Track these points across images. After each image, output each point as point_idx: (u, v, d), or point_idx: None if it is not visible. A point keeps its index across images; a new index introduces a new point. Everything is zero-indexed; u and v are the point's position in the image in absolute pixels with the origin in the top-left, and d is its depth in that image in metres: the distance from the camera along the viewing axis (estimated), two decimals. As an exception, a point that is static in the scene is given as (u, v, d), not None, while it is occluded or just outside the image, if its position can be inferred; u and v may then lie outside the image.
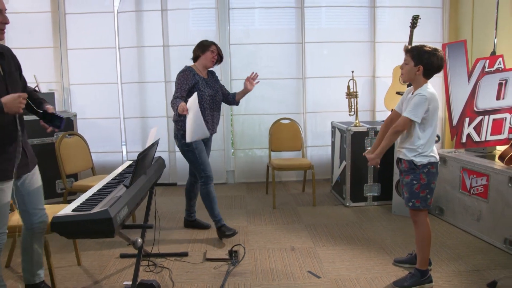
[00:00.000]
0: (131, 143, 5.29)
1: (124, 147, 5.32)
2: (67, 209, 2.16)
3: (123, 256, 3.27)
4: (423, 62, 2.61)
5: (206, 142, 3.68)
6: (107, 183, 2.67)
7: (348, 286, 2.79)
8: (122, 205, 2.23)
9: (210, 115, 3.55)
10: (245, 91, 3.67)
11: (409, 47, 2.70)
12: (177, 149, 5.26)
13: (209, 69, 3.65)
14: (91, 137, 4.87)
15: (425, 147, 2.66)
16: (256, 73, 3.64)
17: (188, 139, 3.27)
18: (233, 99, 3.77)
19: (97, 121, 5.23)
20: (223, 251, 3.34)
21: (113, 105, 5.22)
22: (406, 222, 3.92)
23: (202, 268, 3.08)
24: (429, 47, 2.63)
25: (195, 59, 3.60)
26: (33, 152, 2.50)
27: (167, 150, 5.26)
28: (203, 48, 3.54)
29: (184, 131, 3.33)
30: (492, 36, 4.35)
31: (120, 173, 2.96)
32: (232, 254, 3.24)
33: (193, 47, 5.07)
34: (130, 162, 3.30)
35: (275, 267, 3.08)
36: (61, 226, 2.06)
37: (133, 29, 5.12)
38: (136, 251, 2.75)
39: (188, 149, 3.49)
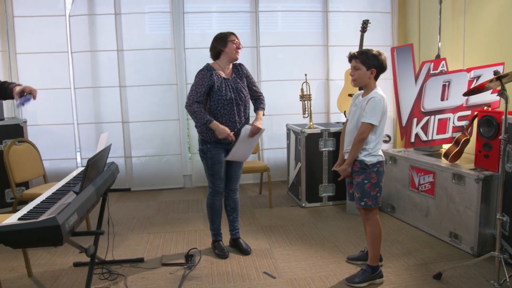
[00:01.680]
0: (86, 150, 5.17)
1: (78, 153, 5.20)
2: (13, 218, 2.10)
3: (76, 264, 3.20)
4: (374, 65, 2.71)
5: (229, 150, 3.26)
6: (56, 190, 2.62)
7: (303, 285, 2.84)
8: (71, 212, 2.18)
9: (238, 121, 3.18)
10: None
11: (355, 53, 2.76)
12: (133, 154, 5.24)
13: (236, 62, 3.27)
14: (44, 144, 4.76)
15: (375, 147, 2.76)
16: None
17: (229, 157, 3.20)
18: (255, 108, 3.39)
19: (50, 127, 5.09)
20: (179, 256, 3.33)
21: (66, 110, 5.10)
22: (359, 220, 4.04)
23: (158, 273, 3.05)
24: (374, 51, 2.73)
25: (216, 56, 3.20)
26: None
27: (123, 156, 5.19)
28: (223, 41, 3.13)
29: (204, 136, 3.16)
30: (437, 40, 4.57)
31: (71, 179, 2.91)
32: (188, 258, 3.23)
33: (149, 51, 5.10)
34: (83, 168, 3.24)
35: (231, 269, 3.10)
36: (6, 235, 2.00)
37: (86, 33, 5.02)
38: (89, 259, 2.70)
39: (203, 156, 3.22)
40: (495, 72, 2.55)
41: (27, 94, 2.42)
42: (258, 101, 3.39)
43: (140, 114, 5.19)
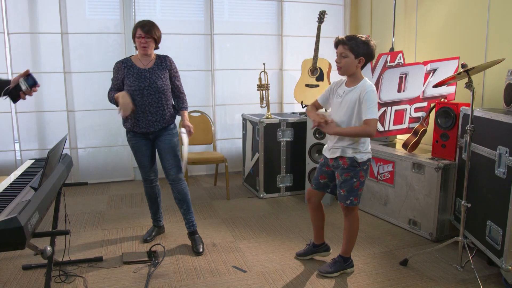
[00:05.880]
0: (26, 141, 4.73)
1: (17, 144, 4.75)
2: (-38, 219, 1.84)
3: (26, 268, 2.91)
4: (363, 53, 2.53)
5: (155, 140, 3.22)
6: (8, 186, 2.34)
7: (275, 277, 2.79)
8: (33, 210, 1.95)
9: (149, 111, 3.08)
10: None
11: (343, 38, 2.55)
12: (79, 145, 4.91)
13: (163, 55, 3.17)
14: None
15: (365, 144, 2.67)
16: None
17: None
18: (178, 107, 3.31)
19: (-18, 116, 4.61)
20: (141, 253, 3.14)
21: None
22: (319, 210, 4.06)
23: (120, 272, 2.86)
24: (363, 37, 2.54)
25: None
26: None
27: (68, 147, 4.83)
28: (133, 37, 3.07)
29: (124, 125, 3.20)
30: (388, 33, 4.69)
31: (21, 174, 2.63)
32: (151, 254, 3.07)
33: (96, 35, 4.75)
34: (32, 161, 2.95)
35: (199, 264, 2.98)
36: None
37: (25, 12, 4.55)
38: (43, 261, 2.46)
39: (129, 145, 3.28)
40: (463, 65, 2.63)
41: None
42: (179, 100, 3.29)
43: (86, 102, 4.84)
